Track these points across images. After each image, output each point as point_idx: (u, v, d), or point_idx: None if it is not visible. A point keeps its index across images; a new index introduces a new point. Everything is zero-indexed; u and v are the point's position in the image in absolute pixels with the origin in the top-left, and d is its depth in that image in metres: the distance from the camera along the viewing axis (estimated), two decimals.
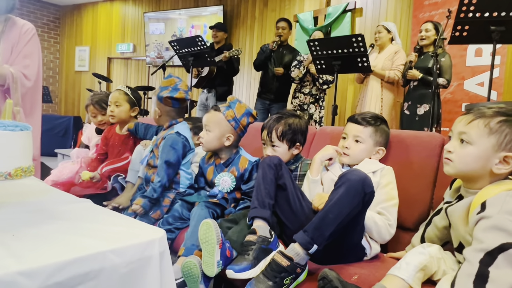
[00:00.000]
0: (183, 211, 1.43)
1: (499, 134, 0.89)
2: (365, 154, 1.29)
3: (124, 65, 6.96)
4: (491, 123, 0.90)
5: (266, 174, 1.18)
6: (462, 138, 0.94)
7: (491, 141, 0.90)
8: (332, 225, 0.95)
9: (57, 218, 0.86)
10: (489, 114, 0.90)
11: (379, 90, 3.19)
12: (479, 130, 0.91)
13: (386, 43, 3.22)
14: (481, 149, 0.91)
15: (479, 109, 0.91)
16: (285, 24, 3.68)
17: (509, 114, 0.89)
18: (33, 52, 1.72)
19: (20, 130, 0.87)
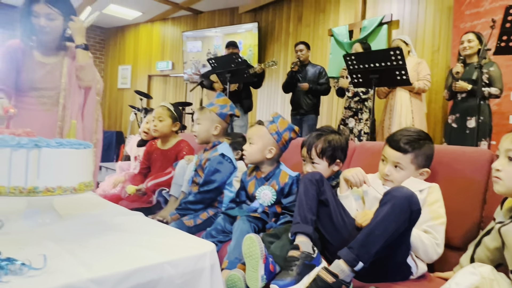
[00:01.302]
0: (225, 225, 1.47)
1: None
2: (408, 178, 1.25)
3: (163, 82, 7.27)
4: None
5: (308, 189, 1.19)
6: (509, 156, 0.92)
7: None
8: (378, 243, 0.95)
9: (115, 230, 0.93)
10: None
11: (409, 102, 3.13)
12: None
13: (406, 56, 3.17)
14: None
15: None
16: (303, 47, 3.96)
17: None
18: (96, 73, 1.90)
19: (83, 148, 0.96)
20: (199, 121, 1.76)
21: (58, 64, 1.77)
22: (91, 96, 1.85)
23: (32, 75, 1.72)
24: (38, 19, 1.66)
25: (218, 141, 1.76)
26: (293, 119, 4.02)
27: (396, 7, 4.25)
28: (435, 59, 3.88)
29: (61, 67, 1.77)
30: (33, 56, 1.74)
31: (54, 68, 1.76)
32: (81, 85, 1.82)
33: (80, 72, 1.79)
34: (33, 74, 1.72)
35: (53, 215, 0.96)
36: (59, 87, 1.76)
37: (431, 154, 1.28)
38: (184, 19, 6.81)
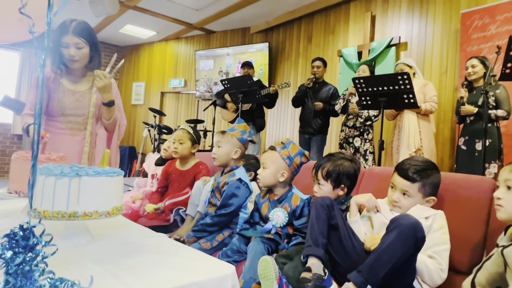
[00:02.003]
0: (240, 245, 1.55)
1: None
2: (415, 205, 1.33)
3: (175, 98, 7.45)
4: None
5: (319, 214, 1.27)
6: (508, 185, 1.00)
7: None
8: (385, 267, 1.02)
9: (144, 251, 1.02)
10: None
11: (417, 123, 3.19)
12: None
13: (412, 78, 3.25)
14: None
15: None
16: (320, 63, 3.97)
17: None
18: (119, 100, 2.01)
19: (116, 175, 1.06)
20: (220, 144, 1.86)
21: (87, 92, 1.90)
22: (114, 140, 1.97)
23: (62, 103, 1.84)
24: (68, 49, 1.80)
25: (236, 165, 1.86)
26: (301, 137, 4.05)
27: (404, 30, 4.36)
28: (443, 80, 3.96)
29: (89, 95, 1.89)
30: (62, 84, 1.87)
31: (83, 96, 1.89)
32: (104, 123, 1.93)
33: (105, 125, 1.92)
34: (63, 102, 1.84)
35: (88, 236, 1.06)
36: (86, 113, 1.88)
37: (437, 183, 1.35)
38: (197, 39, 7.03)
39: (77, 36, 1.80)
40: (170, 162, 2.37)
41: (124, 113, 2.08)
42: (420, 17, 4.23)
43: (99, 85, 1.78)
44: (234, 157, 1.86)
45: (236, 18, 5.95)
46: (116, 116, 1.94)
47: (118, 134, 2.00)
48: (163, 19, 6.21)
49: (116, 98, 1.94)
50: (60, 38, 1.80)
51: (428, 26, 4.16)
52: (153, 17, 6.13)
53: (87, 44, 1.84)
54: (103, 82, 1.78)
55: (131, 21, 6.47)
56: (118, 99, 2.01)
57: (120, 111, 2.01)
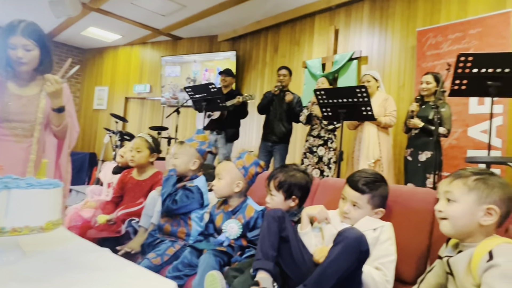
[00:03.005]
0: (192, 258, 1.51)
1: (477, 190, 1.01)
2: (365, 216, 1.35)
3: (140, 104, 7.27)
4: (468, 181, 1.01)
5: (270, 226, 1.26)
6: (448, 197, 1.05)
7: (472, 197, 1.01)
8: (330, 281, 1.03)
9: (81, 268, 0.96)
10: (466, 175, 1.02)
11: (376, 135, 3.31)
12: (460, 189, 1.02)
13: (375, 90, 3.40)
14: (466, 205, 1.01)
15: (460, 172, 1.05)
16: (286, 72, 4.03)
17: (482, 173, 1.02)
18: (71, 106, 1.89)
19: (53, 187, 1.00)
20: (178, 155, 1.80)
21: (35, 97, 1.78)
22: (64, 148, 1.86)
23: (7, 107, 1.72)
24: (15, 50, 1.69)
25: (195, 175, 1.82)
26: (263, 144, 4.04)
27: (366, 44, 4.53)
28: (401, 94, 4.13)
29: (37, 101, 1.78)
30: (8, 88, 1.75)
31: (31, 101, 1.77)
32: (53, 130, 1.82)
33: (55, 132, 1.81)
34: (7, 106, 1.72)
35: (18, 253, 0.99)
36: (33, 119, 1.77)
37: (386, 195, 1.39)
38: (163, 44, 6.92)
39: (26, 38, 1.69)
40: (126, 171, 2.29)
41: (77, 120, 1.98)
42: (380, 33, 4.41)
43: (49, 90, 1.67)
44: (192, 168, 1.82)
45: (204, 25, 5.93)
46: (66, 122, 1.84)
47: (69, 141, 1.90)
48: (129, 23, 6.07)
49: (67, 104, 1.84)
50: (7, 39, 1.69)
51: (387, 41, 4.34)
52: (118, 21, 5.98)
53: (37, 46, 1.73)
54: (54, 88, 1.67)
55: (95, 24, 6.27)
56: (70, 104, 1.91)
57: (72, 117, 1.91)
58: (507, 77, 2.27)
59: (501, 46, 3.34)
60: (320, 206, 1.38)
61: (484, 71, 2.31)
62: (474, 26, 3.54)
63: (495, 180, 1.02)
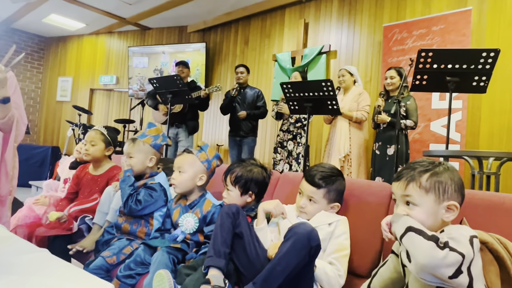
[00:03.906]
0: (145, 256, 1.45)
1: (433, 189, 0.98)
2: (320, 211, 1.34)
3: (106, 96, 7.02)
4: (422, 183, 0.98)
5: (224, 222, 1.23)
6: (407, 201, 1.01)
7: (431, 198, 0.97)
8: (279, 277, 1.00)
9: (10, 272, 0.88)
10: (417, 175, 0.98)
11: (348, 130, 3.34)
12: (417, 192, 0.98)
13: (350, 85, 3.42)
14: (427, 206, 0.97)
15: (408, 172, 1.00)
16: (243, 69, 4.07)
17: (431, 168, 0.98)
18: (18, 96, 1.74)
19: None
20: (132, 154, 1.70)
21: None
22: (10, 142, 1.73)
23: None
24: None
25: (155, 172, 1.74)
26: (231, 140, 4.06)
27: (334, 38, 4.55)
28: (367, 89, 4.18)
29: None
30: None
31: None
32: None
33: None
34: None
35: None
36: None
37: (342, 190, 1.38)
38: (131, 34, 6.69)
39: None
40: (82, 166, 2.18)
41: (24, 111, 1.84)
42: (349, 27, 4.44)
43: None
44: (149, 165, 1.74)
45: (173, 15, 5.77)
46: (12, 114, 1.71)
47: (16, 135, 1.77)
48: (93, 11, 5.81)
49: (14, 94, 1.70)
50: None
51: (355, 36, 4.39)
52: (82, 8, 5.71)
53: None
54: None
55: (56, 11, 5.96)
56: (17, 95, 1.78)
57: (19, 109, 1.77)
58: (465, 73, 2.33)
59: (462, 43, 3.45)
60: (276, 201, 1.36)
61: (444, 67, 2.37)
62: (437, 23, 3.63)
63: (443, 172, 1.00)
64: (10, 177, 1.74)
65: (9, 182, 1.72)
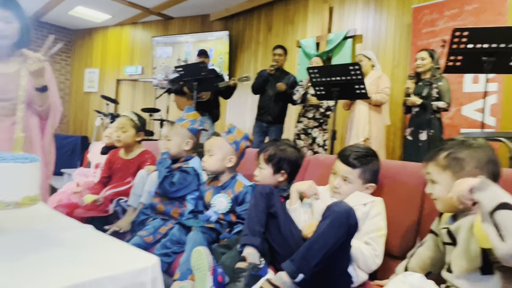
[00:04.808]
0: (180, 236, 1.48)
1: (449, 167, 1.00)
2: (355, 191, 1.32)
3: (131, 86, 7.15)
4: (440, 161, 1.01)
5: (258, 202, 1.24)
6: (430, 179, 1.04)
7: (448, 175, 1.00)
8: (317, 255, 1.01)
9: (58, 245, 0.92)
10: (436, 153, 1.02)
11: (367, 114, 3.27)
12: (435, 170, 1.03)
13: (368, 69, 3.35)
14: (445, 183, 1.00)
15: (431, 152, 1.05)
16: (281, 51, 3.94)
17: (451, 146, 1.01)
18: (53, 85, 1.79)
19: (29, 161, 0.95)
20: (170, 137, 1.74)
21: (15, 75, 1.68)
22: (47, 129, 1.79)
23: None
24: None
25: (190, 156, 1.77)
26: (258, 124, 3.99)
27: (360, 23, 4.44)
28: (395, 73, 4.08)
29: (18, 79, 1.67)
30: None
31: (11, 79, 1.67)
32: None
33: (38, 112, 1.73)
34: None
35: None
36: (15, 98, 1.68)
37: (377, 170, 1.36)
38: (154, 24, 6.76)
39: (5, 9, 1.58)
40: (114, 151, 2.24)
41: (60, 99, 1.90)
42: (375, 11, 4.31)
43: (31, 68, 1.56)
44: (186, 148, 1.77)
45: (195, 4, 5.77)
46: (50, 102, 1.77)
47: (53, 122, 1.83)
48: (118, 2, 5.89)
49: (50, 83, 1.76)
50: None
51: (382, 19, 4.26)
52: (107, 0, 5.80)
53: (16, 18, 1.62)
54: (36, 66, 1.55)
55: (82, 3, 6.08)
56: (53, 83, 1.82)
57: (55, 97, 1.83)
58: (502, 52, 2.22)
59: (498, 23, 3.28)
60: (309, 181, 1.36)
61: (480, 47, 2.26)
62: (471, 2, 3.46)
63: (465, 150, 1.00)
64: (47, 162, 1.81)
65: (47, 167, 1.78)
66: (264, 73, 3.93)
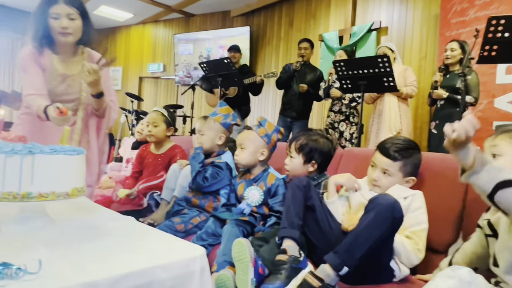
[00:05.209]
0: (216, 228, 1.50)
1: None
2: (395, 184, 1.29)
3: (154, 84, 7.26)
4: None
5: (295, 195, 1.23)
6: (493, 152, 1.00)
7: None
8: (362, 248, 0.99)
9: (107, 234, 0.95)
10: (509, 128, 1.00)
11: (397, 107, 3.21)
12: (505, 142, 1.00)
13: (392, 62, 3.25)
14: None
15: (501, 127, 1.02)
16: (307, 45, 3.86)
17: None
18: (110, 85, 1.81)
19: (76, 154, 0.98)
20: (203, 131, 1.75)
21: (78, 76, 1.69)
22: (102, 129, 1.81)
23: (55, 89, 1.65)
24: (58, 20, 1.56)
25: (222, 150, 1.79)
26: (282, 119, 3.96)
27: (385, 14, 4.34)
28: (422, 65, 3.97)
29: (80, 79, 1.69)
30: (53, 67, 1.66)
31: (74, 80, 1.69)
32: None
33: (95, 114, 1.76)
34: (55, 88, 1.65)
35: (46, 219, 0.98)
36: (76, 99, 1.69)
37: (418, 163, 1.33)
38: (176, 22, 6.82)
39: (69, 6, 1.56)
40: (144, 146, 2.28)
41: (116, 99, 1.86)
42: (401, 2, 4.21)
43: (88, 80, 1.57)
44: (219, 143, 1.78)
45: (216, 0, 5.78)
46: (106, 104, 1.76)
47: (108, 121, 1.84)
48: (140, 1, 5.97)
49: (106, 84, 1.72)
50: (48, 8, 1.56)
51: (408, 11, 4.15)
52: None
53: (80, 15, 1.61)
54: (92, 78, 1.55)
55: (106, 2, 6.19)
56: (109, 84, 1.81)
57: (111, 95, 1.79)
58: None
59: None
60: (347, 174, 1.34)
61: None
62: None
63: None
64: (101, 161, 1.85)
65: (99, 166, 1.81)
66: (289, 68, 3.88)
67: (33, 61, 1.62)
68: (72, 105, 1.69)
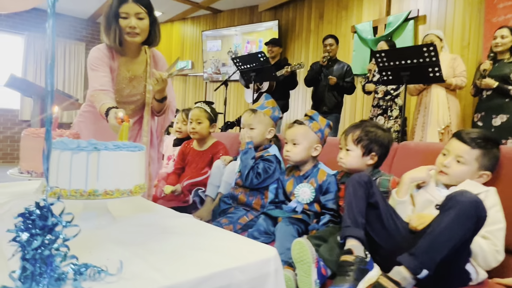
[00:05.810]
0: (268, 226, 1.45)
1: None
2: (466, 177, 1.20)
3: (182, 81, 7.31)
4: None
5: (356, 192, 1.16)
6: None
7: None
8: (444, 250, 0.91)
9: (171, 232, 0.91)
10: None
11: (445, 99, 3.03)
12: None
13: (439, 51, 3.08)
14: None
15: None
16: (332, 41, 3.84)
17: None
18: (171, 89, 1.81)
19: (138, 150, 0.95)
20: (254, 125, 1.68)
21: (142, 77, 1.70)
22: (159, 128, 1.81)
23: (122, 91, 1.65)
24: (128, 20, 1.53)
25: (269, 144, 1.74)
26: None
27: (423, 2, 4.14)
28: (465, 54, 3.76)
29: (144, 81, 1.69)
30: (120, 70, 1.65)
31: (139, 82, 1.69)
32: None
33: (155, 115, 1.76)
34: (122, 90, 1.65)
35: (109, 217, 0.96)
36: (140, 100, 1.69)
37: (496, 159, 1.22)
38: (203, 18, 6.82)
39: (138, 5, 1.53)
40: (186, 143, 2.27)
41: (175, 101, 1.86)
42: None
43: (156, 88, 1.56)
44: (268, 137, 1.73)
45: None
46: (167, 106, 1.76)
47: (165, 121, 1.84)
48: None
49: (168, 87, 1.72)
50: (118, 8, 1.53)
51: None
52: None
53: (147, 15, 1.58)
54: (160, 86, 1.54)
55: None
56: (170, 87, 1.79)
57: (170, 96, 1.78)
58: None
59: None
60: (422, 167, 1.25)
61: None
62: None
63: None
64: (159, 158, 1.85)
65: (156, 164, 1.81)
66: (315, 66, 3.87)
67: (102, 61, 1.61)
68: (134, 106, 1.69)
